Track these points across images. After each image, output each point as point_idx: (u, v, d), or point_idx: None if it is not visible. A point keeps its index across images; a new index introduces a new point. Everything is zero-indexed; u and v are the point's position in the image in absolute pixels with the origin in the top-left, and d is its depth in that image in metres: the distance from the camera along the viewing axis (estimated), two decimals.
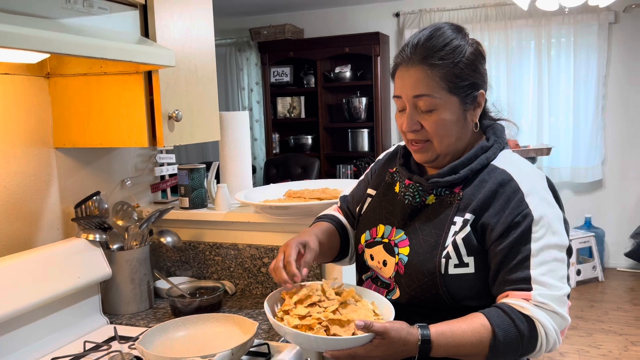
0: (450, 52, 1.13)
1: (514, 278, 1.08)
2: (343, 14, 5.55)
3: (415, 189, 1.22)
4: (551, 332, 1.05)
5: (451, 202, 1.17)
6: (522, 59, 5.00)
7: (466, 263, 1.11)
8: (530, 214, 1.09)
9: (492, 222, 1.10)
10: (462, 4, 5.10)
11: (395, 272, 1.19)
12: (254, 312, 1.64)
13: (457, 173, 1.16)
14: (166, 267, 1.91)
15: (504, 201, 1.11)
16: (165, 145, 1.49)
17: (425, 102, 1.13)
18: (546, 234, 1.09)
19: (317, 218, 1.44)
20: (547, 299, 1.05)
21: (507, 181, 1.13)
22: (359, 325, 1.01)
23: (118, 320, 1.62)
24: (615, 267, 4.99)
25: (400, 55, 1.18)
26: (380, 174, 1.36)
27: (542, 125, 4.98)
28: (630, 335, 3.62)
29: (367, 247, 1.27)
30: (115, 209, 1.75)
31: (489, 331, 1.04)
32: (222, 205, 1.80)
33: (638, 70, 4.75)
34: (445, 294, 1.12)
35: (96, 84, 1.51)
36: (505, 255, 1.09)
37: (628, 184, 4.90)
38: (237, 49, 5.96)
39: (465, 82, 1.15)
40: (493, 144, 1.19)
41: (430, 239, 1.15)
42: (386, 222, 1.25)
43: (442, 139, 1.16)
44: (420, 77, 1.13)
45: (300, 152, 5.50)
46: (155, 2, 1.45)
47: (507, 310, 1.05)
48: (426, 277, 1.13)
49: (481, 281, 1.13)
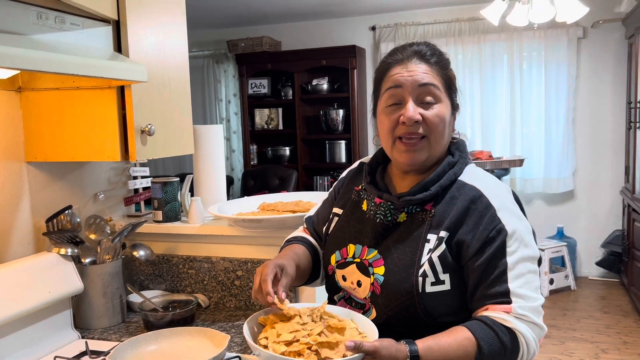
0: (444, 59, 1.21)
1: (493, 292, 1.09)
2: (320, 27, 5.61)
3: (386, 207, 1.22)
4: (531, 342, 1.08)
5: (423, 220, 1.17)
6: (495, 72, 5.11)
7: (442, 280, 1.12)
8: (504, 228, 1.11)
9: (468, 239, 1.12)
10: (436, 18, 5.20)
11: (371, 292, 1.18)
12: (227, 325, 1.65)
13: (427, 190, 1.17)
14: (139, 280, 1.91)
15: (477, 217, 1.13)
16: (138, 159, 1.50)
17: (431, 92, 1.16)
18: (519, 247, 1.12)
19: (287, 241, 1.41)
20: (526, 310, 1.08)
21: (478, 197, 1.15)
22: (349, 346, 0.99)
23: (90, 334, 1.61)
24: (587, 276, 5.09)
25: (393, 56, 1.21)
26: (346, 192, 1.35)
27: (514, 136, 5.09)
28: (601, 343, 3.70)
29: (338, 268, 1.26)
30: (88, 223, 1.75)
31: (474, 344, 1.05)
32: (195, 219, 1.81)
33: (606, 83, 4.89)
34: (422, 312, 1.12)
35: (69, 98, 1.51)
36: (483, 271, 1.10)
37: (598, 194, 5.02)
38: (214, 61, 5.98)
39: (454, 88, 1.21)
40: (458, 160, 1.22)
41: (405, 258, 1.15)
42: (356, 242, 1.24)
43: (438, 137, 1.17)
44: (426, 68, 1.17)
45: (278, 164, 5.52)
46: (128, 17, 1.46)
47: (489, 323, 1.07)
48: (404, 297, 1.13)
49: (456, 298, 1.14)
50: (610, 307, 4.34)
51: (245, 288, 1.78)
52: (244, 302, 1.79)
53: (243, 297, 1.79)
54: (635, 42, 4.26)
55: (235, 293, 1.80)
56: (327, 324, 1.09)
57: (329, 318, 1.12)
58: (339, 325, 1.09)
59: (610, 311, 4.26)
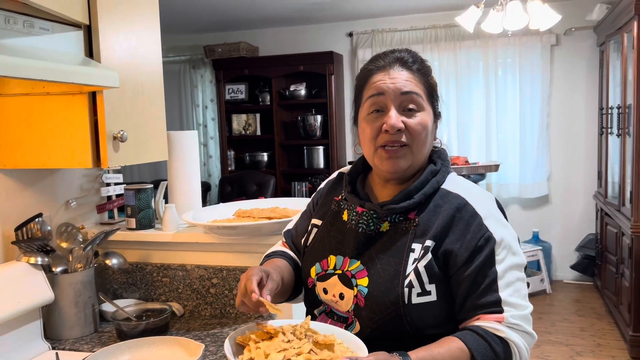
0: (426, 66, 1.20)
1: (484, 302, 1.08)
2: (297, 32, 5.62)
3: (369, 216, 1.19)
4: (524, 351, 1.07)
5: (407, 229, 1.15)
6: (471, 78, 5.17)
7: (428, 291, 1.10)
8: (492, 236, 1.10)
9: (455, 248, 1.10)
10: (413, 24, 5.25)
11: (355, 305, 1.14)
12: (202, 333, 1.63)
13: (411, 198, 1.15)
14: (112, 289, 1.88)
15: (463, 226, 1.11)
16: (110, 166, 1.47)
17: (413, 99, 1.15)
18: (507, 256, 1.10)
19: (267, 256, 1.37)
20: (518, 319, 1.07)
21: (463, 205, 1.13)
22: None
23: (61, 345, 1.58)
24: (562, 280, 5.16)
25: (376, 63, 1.19)
26: (325, 203, 1.32)
27: (490, 142, 5.15)
28: (576, 345, 3.75)
29: (318, 280, 1.22)
30: (60, 231, 1.71)
31: (467, 355, 1.03)
32: (169, 226, 1.79)
33: (579, 89, 4.98)
34: (408, 323, 1.10)
35: (39, 104, 1.48)
36: (472, 280, 1.09)
37: (572, 198, 5.10)
38: (191, 66, 5.94)
39: (435, 96, 1.20)
40: (441, 168, 1.21)
41: (389, 268, 1.12)
42: (337, 253, 1.21)
43: (420, 145, 1.16)
44: (408, 76, 1.16)
45: (256, 169, 5.50)
46: (99, 23, 1.44)
47: (482, 334, 1.05)
48: (389, 308, 1.10)
49: (442, 308, 1.12)
50: (584, 310, 4.40)
51: (221, 296, 1.76)
52: (219, 310, 1.77)
53: (219, 305, 1.77)
54: (606, 50, 4.35)
55: (211, 301, 1.77)
56: (315, 340, 1.04)
57: (314, 334, 1.07)
58: (327, 342, 1.04)
59: (585, 314, 4.32)
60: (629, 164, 3.60)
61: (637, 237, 3.43)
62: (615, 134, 4.08)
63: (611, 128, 4.22)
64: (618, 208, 3.91)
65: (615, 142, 4.11)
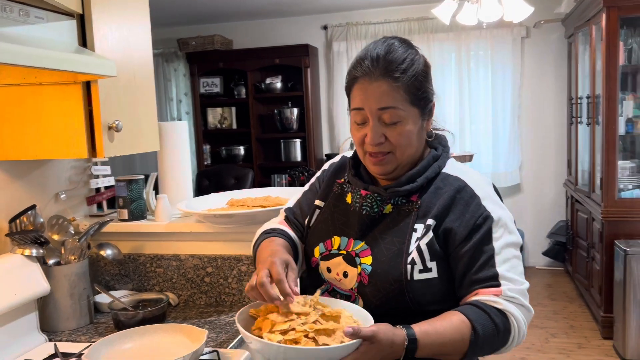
0: (410, 65, 1.16)
1: (482, 277, 1.12)
2: (272, 25, 5.61)
3: (373, 199, 1.23)
4: (522, 324, 1.11)
5: (410, 210, 1.19)
6: (444, 70, 5.26)
7: (429, 268, 1.14)
8: (490, 216, 1.15)
9: (455, 226, 1.15)
10: (387, 17, 5.30)
11: (359, 282, 1.18)
12: (199, 321, 1.64)
13: (414, 182, 1.19)
14: (105, 281, 1.87)
15: (463, 206, 1.16)
16: (106, 156, 1.47)
17: (391, 114, 1.15)
18: (504, 234, 1.16)
19: (266, 232, 1.36)
20: (515, 293, 1.11)
21: (463, 187, 1.18)
22: (347, 332, 0.98)
23: (57, 337, 1.57)
24: (535, 266, 5.31)
25: (358, 69, 1.18)
26: (328, 185, 1.35)
27: (464, 133, 5.25)
28: (550, 328, 3.87)
29: (322, 260, 1.25)
30: (51, 223, 1.70)
31: (468, 327, 1.07)
32: (162, 216, 1.79)
33: (548, 81, 5.12)
34: (410, 300, 1.14)
35: (31, 94, 1.47)
36: (471, 257, 1.13)
37: (543, 187, 5.25)
38: (164, 60, 5.87)
39: (424, 93, 1.19)
40: (442, 153, 1.25)
41: (393, 247, 1.17)
42: (341, 234, 1.25)
43: (404, 150, 1.18)
44: (385, 89, 1.14)
45: (232, 163, 5.48)
46: (93, 12, 1.43)
47: (481, 306, 1.10)
48: (392, 285, 1.14)
49: (443, 285, 1.16)
50: (557, 294, 4.55)
51: (216, 284, 1.78)
52: (214, 299, 1.78)
53: (213, 293, 1.78)
54: (575, 42, 4.48)
55: (205, 290, 1.79)
56: (322, 313, 1.08)
57: (323, 307, 1.11)
58: (333, 313, 1.08)
59: (557, 298, 4.47)
60: (599, 152, 3.73)
61: (607, 221, 3.56)
62: (585, 123, 4.21)
63: (581, 117, 4.36)
64: (588, 195, 4.04)
65: (585, 131, 4.25)
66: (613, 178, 3.58)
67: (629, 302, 3.27)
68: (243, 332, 1.03)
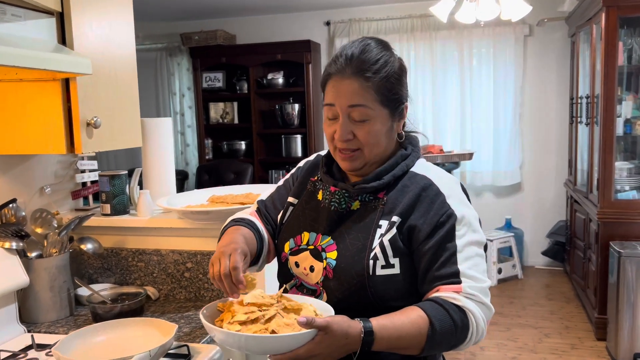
0: (382, 66, 1.19)
1: (443, 274, 1.14)
2: (275, 21, 5.62)
3: (341, 195, 1.26)
4: (480, 321, 1.13)
5: (375, 207, 1.22)
6: (446, 68, 5.24)
7: (392, 264, 1.16)
8: (453, 213, 1.17)
9: (419, 224, 1.17)
10: (389, 14, 5.29)
11: (324, 276, 1.21)
12: (176, 316, 1.67)
13: (381, 179, 1.22)
14: (88, 274, 1.90)
15: (427, 204, 1.19)
16: (84, 152, 1.50)
17: (360, 112, 1.18)
18: (468, 232, 1.18)
19: (234, 221, 1.38)
20: (475, 290, 1.13)
21: (429, 185, 1.21)
22: (301, 322, 1.00)
23: (37, 328, 1.61)
24: (534, 265, 5.30)
25: (333, 66, 1.22)
26: (302, 182, 1.38)
27: (465, 131, 5.24)
28: (545, 328, 3.87)
29: (291, 255, 1.28)
30: (34, 217, 1.73)
31: (426, 322, 1.09)
32: (144, 212, 1.82)
33: (551, 79, 5.09)
34: (372, 295, 1.16)
35: (12, 90, 1.49)
36: (433, 254, 1.15)
37: (543, 186, 5.23)
38: (168, 54, 5.90)
39: (395, 95, 1.22)
40: (411, 153, 1.28)
41: (357, 242, 1.19)
42: (310, 229, 1.28)
43: (372, 148, 1.21)
44: (356, 88, 1.18)
45: (234, 158, 5.51)
46: (72, 10, 1.45)
47: (440, 302, 1.11)
48: (355, 279, 1.16)
49: (406, 282, 1.19)
50: (554, 294, 4.54)
51: (195, 280, 1.80)
52: (194, 294, 1.81)
53: (193, 288, 1.81)
54: (577, 40, 4.45)
55: (185, 285, 1.81)
56: (284, 306, 1.10)
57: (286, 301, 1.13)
58: (295, 307, 1.10)
59: (554, 298, 4.45)
60: (597, 152, 3.71)
61: (603, 222, 3.55)
62: (584, 123, 4.19)
63: (580, 117, 4.33)
64: (586, 195, 4.02)
65: (584, 130, 4.23)
66: (610, 179, 3.56)
67: (621, 304, 3.27)
68: (205, 323, 1.06)
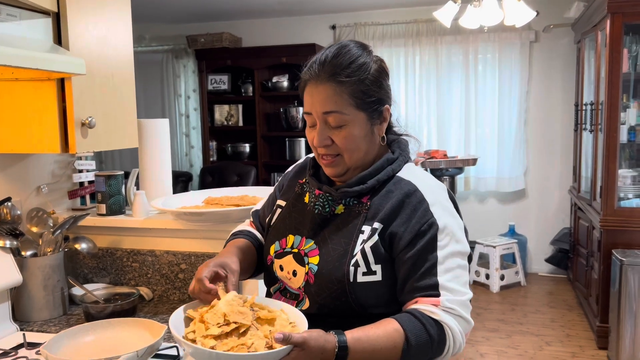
0: (356, 69, 1.17)
1: (422, 285, 1.12)
2: (280, 24, 5.63)
3: (325, 198, 1.25)
4: (458, 335, 1.11)
5: (359, 212, 1.20)
6: (451, 73, 5.23)
7: (374, 271, 1.15)
8: (435, 223, 1.15)
9: (400, 231, 1.15)
10: (395, 19, 5.29)
11: (305, 281, 1.20)
12: (168, 317, 1.65)
13: (364, 183, 1.21)
14: (83, 274, 1.91)
15: (410, 211, 1.16)
16: (78, 152, 1.50)
17: (335, 118, 1.17)
18: (450, 242, 1.15)
19: (233, 234, 1.42)
20: (454, 304, 1.11)
21: (413, 192, 1.18)
22: (277, 339, 0.98)
23: (30, 327, 1.61)
24: (537, 272, 5.26)
25: (308, 72, 1.21)
26: (290, 185, 1.38)
27: (469, 136, 5.22)
28: (546, 335, 3.84)
29: (276, 258, 1.28)
30: (30, 216, 1.74)
31: (402, 336, 1.07)
32: (139, 212, 1.82)
33: (556, 85, 5.06)
34: (354, 301, 1.14)
35: (7, 89, 1.50)
36: (413, 264, 1.13)
37: (548, 193, 5.20)
38: (174, 56, 5.93)
39: (371, 98, 1.20)
40: (398, 157, 1.26)
41: (339, 248, 1.18)
42: (296, 232, 1.27)
43: (352, 153, 1.20)
44: (329, 93, 1.16)
45: (238, 160, 5.52)
46: (68, 11, 1.46)
47: (417, 316, 1.09)
48: (335, 286, 1.15)
49: (388, 289, 1.17)
50: (556, 302, 4.50)
51: (189, 281, 1.80)
52: (187, 295, 1.81)
53: (186, 290, 1.81)
54: (582, 47, 4.43)
55: (179, 286, 1.81)
56: (257, 316, 1.09)
57: (259, 310, 1.12)
58: (269, 317, 1.09)
59: (557, 306, 4.42)
60: (600, 160, 3.69)
61: (605, 230, 3.52)
62: (588, 130, 4.16)
63: (585, 124, 4.31)
64: (589, 202, 4.00)
65: (589, 138, 4.20)
66: (613, 186, 3.53)
67: (623, 313, 3.23)
68: (176, 336, 1.04)
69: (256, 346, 1.00)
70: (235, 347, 1.00)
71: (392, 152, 1.28)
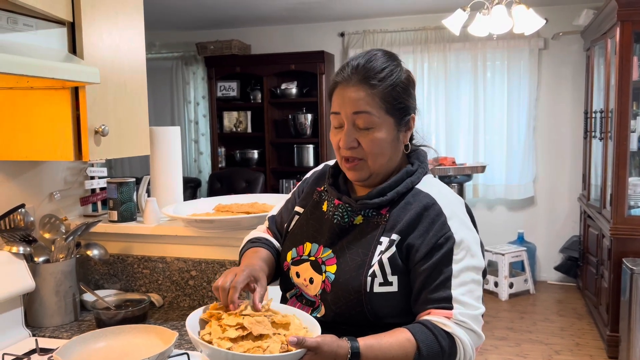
0: (388, 75, 1.21)
1: (436, 297, 1.13)
2: (289, 31, 5.66)
3: (344, 209, 1.26)
4: (468, 348, 1.12)
5: (378, 223, 1.22)
6: (460, 80, 5.23)
7: (390, 282, 1.16)
8: (452, 236, 1.16)
9: (417, 243, 1.16)
10: (404, 26, 5.30)
11: (322, 289, 1.22)
12: (179, 323, 1.67)
13: (384, 195, 1.22)
14: (94, 280, 1.92)
15: (428, 224, 1.17)
16: (91, 159, 1.52)
17: (365, 119, 1.19)
18: (466, 257, 1.16)
19: (251, 242, 1.41)
20: (466, 317, 1.12)
21: (431, 205, 1.19)
22: (292, 342, 1.00)
23: (41, 332, 1.62)
24: (546, 280, 5.23)
25: (340, 75, 1.23)
26: (309, 192, 1.39)
27: (477, 144, 5.21)
28: (555, 344, 3.82)
29: (293, 265, 1.29)
30: (43, 222, 1.76)
31: (413, 346, 1.08)
32: (150, 219, 1.83)
33: (565, 93, 5.05)
34: (369, 311, 1.16)
35: (22, 97, 1.53)
36: (428, 275, 1.14)
37: (557, 200, 5.17)
38: (183, 63, 5.97)
39: (400, 104, 1.22)
40: (417, 169, 1.27)
41: (357, 258, 1.19)
42: (313, 240, 1.28)
43: (376, 158, 1.21)
44: (361, 95, 1.18)
45: (246, 167, 5.54)
46: (83, 20, 1.48)
47: (430, 327, 1.10)
48: (352, 295, 1.16)
49: (403, 299, 1.18)
50: (566, 310, 4.47)
51: (199, 288, 1.81)
52: (197, 302, 1.82)
53: (197, 296, 1.82)
54: (592, 54, 4.42)
55: (189, 293, 1.82)
56: (272, 320, 1.11)
57: (274, 314, 1.14)
58: (283, 321, 1.11)
59: (566, 314, 4.39)
60: (610, 168, 3.67)
61: (615, 239, 3.50)
62: (598, 138, 4.14)
63: (595, 132, 4.29)
64: (599, 210, 3.98)
65: (598, 145, 4.18)
66: (623, 195, 3.52)
67: (634, 322, 3.21)
68: (192, 337, 1.06)
69: (271, 349, 1.02)
70: (251, 349, 1.02)
71: (411, 164, 1.29)
